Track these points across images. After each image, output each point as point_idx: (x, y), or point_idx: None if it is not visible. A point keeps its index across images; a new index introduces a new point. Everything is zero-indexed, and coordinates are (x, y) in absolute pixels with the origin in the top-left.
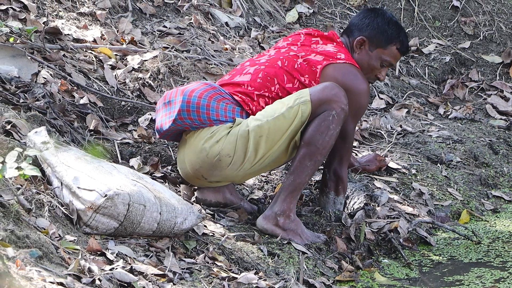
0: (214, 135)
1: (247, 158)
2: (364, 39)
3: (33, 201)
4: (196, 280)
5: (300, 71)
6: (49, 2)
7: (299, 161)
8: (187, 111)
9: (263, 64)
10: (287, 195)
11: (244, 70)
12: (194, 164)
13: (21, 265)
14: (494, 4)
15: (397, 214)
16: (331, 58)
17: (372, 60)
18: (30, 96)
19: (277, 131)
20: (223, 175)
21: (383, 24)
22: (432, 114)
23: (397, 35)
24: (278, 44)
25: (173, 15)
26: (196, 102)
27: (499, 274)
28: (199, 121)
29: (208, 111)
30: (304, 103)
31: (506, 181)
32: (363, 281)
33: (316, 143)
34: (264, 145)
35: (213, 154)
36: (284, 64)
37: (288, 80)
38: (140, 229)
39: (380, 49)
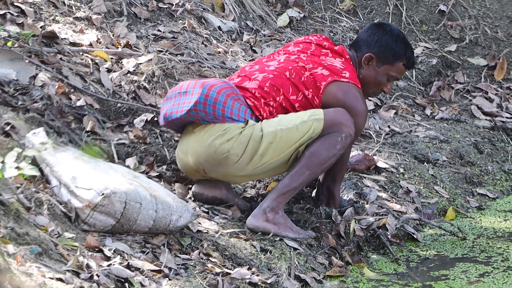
0: (226, 133)
1: (253, 161)
2: (372, 55)
3: (32, 199)
4: (191, 275)
5: (305, 84)
6: (46, 7)
7: (299, 168)
8: (203, 103)
9: (272, 72)
10: (279, 195)
11: (253, 76)
12: (199, 157)
13: (21, 261)
14: (480, 9)
15: (385, 211)
16: (336, 75)
17: (379, 76)
18: (28, 98)
19: (287, 141)
20: (225, 172)
21: (391, 42)
22: (419, 115)
23: (404, 52)
24: (289, 48)
25: (167, 20)
26: (214, 97)
27: (484, 269)
28: (212, 116)
29: (224, 107)
30: (318, 121)
31: (491, 179)
32: (352, 276)
33: (319, 157)
34: (272, 152)
35: (222, 151)
36: (292, 75)
37: (293, 92)
38: (136, 226)
39: (388, 65)
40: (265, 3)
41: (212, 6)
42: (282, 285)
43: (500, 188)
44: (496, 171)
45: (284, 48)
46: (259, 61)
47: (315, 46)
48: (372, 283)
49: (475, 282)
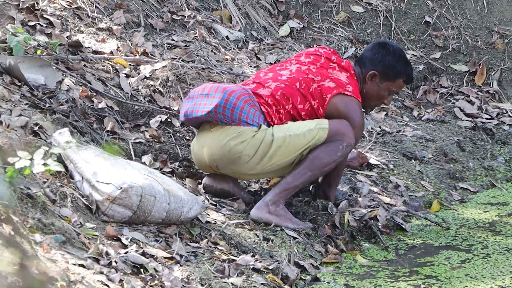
0: (241, 135)
1: (262, 162)
2: (376, 73)
3: (57, 193)
4: (200, 262)
5: (313, 95)
6: (72, 18)
7: (302, 169)
8: (223, 107)
9: (284, 82)
10: (281, 191)
11: (267, 84)
12: (214, 155)
13: (47, 249)
14: (462, 20)
15: (377, 204)
16: (341, 87)
17: (381, 91)
18: (55, 101)
19: (295, 146)
20: (236, 170)
21: (394, 62)
22: (407, 116)
23: (405, 70)
24: (300, 58)
25: (180, 30)
26: (233, 102)
27: (465, 256)
28: (230, 119)
29: (241, 112)
30: (323, 129)
31: (472, 175)
32: (346, 262)
33: (321, 161)
34: (280, 154)
35: (236, 151)
36: (302, 86)
37: (301, 102)
38: (151, 218)
39: (389, 81)
40: (268, 15)
41: (221, 17)
42: (282, 271)
43: (480, 183)
44: (477, 167)
45: (296, 57)
46: (273, 68)
47: (325, 59)
48: (364, 269)
49: (457, 267)
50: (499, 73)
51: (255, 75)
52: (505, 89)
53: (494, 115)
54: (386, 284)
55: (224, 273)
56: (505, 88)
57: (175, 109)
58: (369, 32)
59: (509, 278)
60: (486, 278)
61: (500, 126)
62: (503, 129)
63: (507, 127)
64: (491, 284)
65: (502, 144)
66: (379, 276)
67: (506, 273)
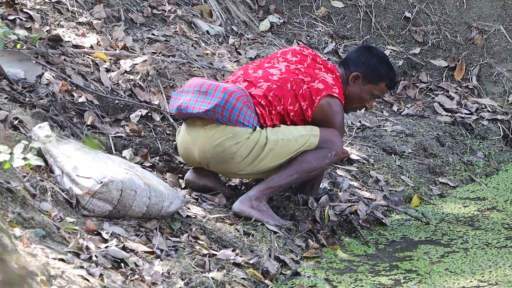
0: (236, 136)
1: (253, 164)
2: (359, 75)
3: (37, 187)
4: (180, 256)
5: (303, 96)
6: (52, 13)
7: (289, 170)
8: (222, 107)
9: (275, 83)
10: (266, 188)
11: (258, 83)
12: (206, 153)
13: (27, 243)
14: (441, 16)
15: (357, 198)
16: (329, 89)
17: (363, 93)
18: (34, 95)
19: (286, 151)
20: (226, 169)
21: (377, 64)
22: (387, 111)
23: (388, 74)
24: (287, 56)
25: (161, 24)
26: (233, 104)
27: (445, 250)
28: (227, 119)
29: (239, 114)
30: (314, 136)
31: (451, 169)
32: (327, 257)
33: (309, 165)
34: (270, 158)
35: (230, 152)
36: (293, 87)
37: (291, 103)
38: (131, 212)
39: (372, 84)
40: (249, 10)
41: (201, 12)
42: (263, 265)
43: (460, 177)
44: (456, 162)
45: (283, 55)
46: (261, 65)
47: (311, 60)
48: (345, 263)
49: (437, 262)
50: (478, 69)
51: (242, 70)
52: (484, 85)
53: (473, 110)
54: (366, 279)
55: (204, 267)
56: (484, 83)
57: (156, 104)
58: (349, 27)
59: (488, 272)
60: (466, 273)
61: (479, 121)
62: (482, 124)
63: (486, 122)
64: (471, 279)
65: (481, 139)
66: (359, 270)
67: (485, 267)
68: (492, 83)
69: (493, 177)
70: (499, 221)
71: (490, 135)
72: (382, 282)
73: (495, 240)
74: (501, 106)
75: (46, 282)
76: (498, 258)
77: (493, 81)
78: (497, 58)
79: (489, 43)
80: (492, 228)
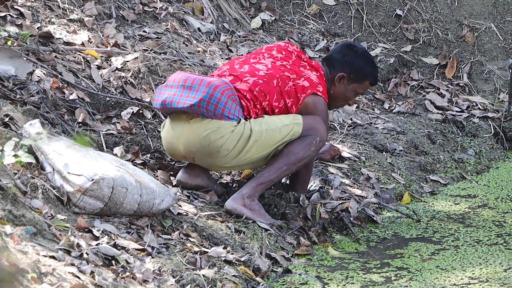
0: (220, 130)
1: (239, 156)
2: (345, 75)
3: (28, 184)
4: (172, 254)
5: (288, 93)
6: (43, 9)
7: (277, 163)
8: (207, 102)
9: (262, 78)
10: (258, 185)
11: (244, 78)
12: (191, 147)
13: (18, 241)
14: (432, 13)
15: (348, 196)
16: (314, 87)
17: (348, 92)
18: (25, 92)
19: (270, 141)
20: (212, 163)
21: (362, 64)
22: (379, 108)
23: (372, 72)
24: (272, 52)
25: (152, 22)
26: (218, 98)
27: (436, 248)
28: (212, 113)
29: (224, 107)
30: (298, 125)
31: (442, 167)
32: (318, 254)
33: (296, 155)
34: (256, 148)
35: (215, 145)
36: (279, 84)
37: (277, 99)
38: (122, 209)
39: (357, 83)
40: (240, 7)
41: (192, 9)
42: (254, 263)
43: (451, 175)
44: (447, 159)
45: (268, 51)
46: (247, 60)
47: (296, 57)
48: (336, 260)
49: (428, 259)
50: (469, 66)
51: (228, 65)
52: (475, 82)
53: (464, 108)
54: (358, 276)
55: (195, 265)
56: (475, 81)
57: (147, 101)
58: (340, 25)
59: (479, 269)
60: (456, 270)
61: (470, 119)
62: (473, 121)
63: (477, 120)
64: (461, 276)
65: (472, 136)
66: (351, 268)
67: (475, 264)
68: (483, 81)
69: (484, 175)
70: (489, 219)
71: (481, 133)
72: (373, 279)
73: (486, 238)
74: (492, 104)
75: (37, 279)
76: (488, 255)
77: (484, 78)
78: (488, 56)
79: (480, 40)
80: (483, 226)
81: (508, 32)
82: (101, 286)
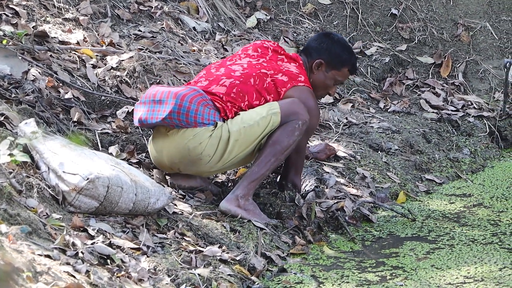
0: (197, 136)
1: (222, 159)
2: (322, 61)
3: (23, 183)
4: (167, 253)
5: (268, 90)
6: (38, 9)
7: (264, 156)
8: (177, 113)
9: (238, 78)
10: (250, 182)
11: (221, 81)
12: (174, 158)
13: (13, 240)
14: (427, 13)
15: (343, 195)
16: (294, 80)
17: (327, 80)
18: (21, 92)
19: (251, 137)
20: (198, 170)
21: (339, 50)
22: (374, 108)
23: (350, 59)
24: (248, 51)
25: (147, 21)
26: (187, 107)
27: (431, 247)
28: (185, 122)
29: (196, 115)
30: (275, 114)
31: (437, 166)
32: (313, 253)
33: (281, 144)
34: (238, 147)
35: (196, 153)
36: (256, 82)
37: (256, 98)
38: (118, 208)
39: (335, 70)
40: (235, 6)
41: (188, 8)
42: (249, 262)
43: (446, 174)
44: (442, 159)
45: (244, 51)
46: (223, 63)
47: (272, 52)
48: (331, 260)
49: (423, 258)
50: (464, 65)
51: (205, 70)
52: (470, 81)
53: (459, 107)
54: (353, 275)
55: (191, 264)
56: (470, 80)
57: None
58: (335, 24)
59: (474, 268)
60: (452, 269)
61: (465, 118)
62: (468, 121)
63: (472, 119)
64: (456, 275)
65: (467, 135)
66: (346, 267)
67: (470, 263)
68: (478, 80)
69: (479, 174)
70: (485, 218)
71: (476, 132)
72: (368, 278)
73: (481, 237)
74: (487, 103)
75: (32, 278)
76: (484, 254)
77: (479, 78)
78: (483, 55)
79: (475, 40)
80: (478, 225)
81: (503, 31)
82: (97, 285)
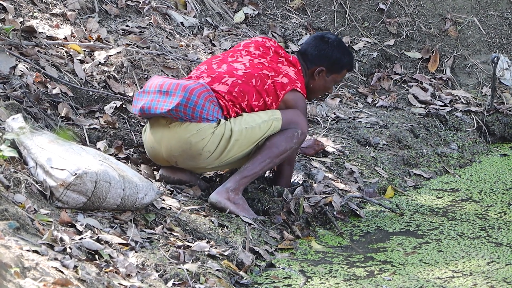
0: (200, 132)
1: (221, 157)
2: (323, 68)
3: (11, 179)
4: (155, 248)
5: (267, 91)
6: (25, 4)
7: (260, 156)
8: (184, 106)
9: (240, 78)
10: (241, 178)
11: (223, 79)
12: (173, 151)
13: (1, 235)
14: (415, 7)
15: (331, 190)
16: (293, 84)
17: (328, 84)
18: (8, 87)
19: (251, 139)
20: (195, 165)
21: (340, 55)
22: (362, 103)
23: (349, 61)
24: (250, 49)
25: (135, 16)
26: (195, 101)
27: (419, 241)
28: (190, 116)
29: (202, 110)
30: (277, 120)
31: (425, 161)
32: (301, 248)
33: (279, 147)
34: (237, 147)
35: (197, 148)
36: (257, 83)
37: (256, 99)
38: (106, 204)
39: (335, 74)
40: (223, 1)
41: (175, 3)
42: (237, 257)
43: (434, 169)
44: (430, 153)
45: (246, 47)
46: (224, 59)
47: (273, 52)
48: (319, 255)
49: (411, 253)
50: (452, 60)
51: (206, 65)
52: (458, 76)
53: (447, 102)
54: (341, 270)
55: (179, 259)
56: (458, 75)
57: (130, 95)
58: (323, 19)
59: (462, 263)
60: (440, 263)
61: (453, 113)
62: (456, 115)
63: (460, 114)
64: (445, 269)
65: (455, 130)
66: (334, 261)
67: (458, 258)
68: (466, 75)
69: (467, 169)
70: (472, 212)
71: (464, 127)
72: (357, 273)
73: (469, 231)
74: (475, 98)
75: (20, 274)
76: (471, 248)
77: (467, 72)
78: (471, 50)
79: (463, 35)
80: (466, 219)
81: (491, 26)
82: (84, 281)
